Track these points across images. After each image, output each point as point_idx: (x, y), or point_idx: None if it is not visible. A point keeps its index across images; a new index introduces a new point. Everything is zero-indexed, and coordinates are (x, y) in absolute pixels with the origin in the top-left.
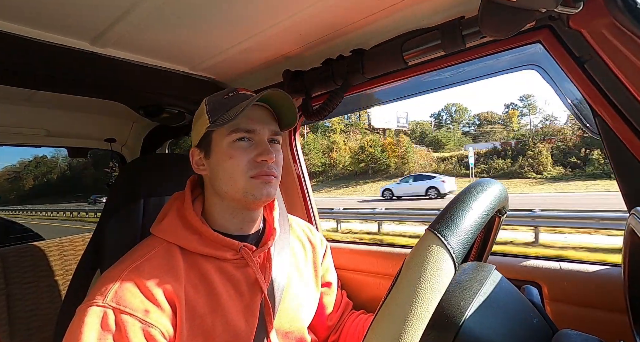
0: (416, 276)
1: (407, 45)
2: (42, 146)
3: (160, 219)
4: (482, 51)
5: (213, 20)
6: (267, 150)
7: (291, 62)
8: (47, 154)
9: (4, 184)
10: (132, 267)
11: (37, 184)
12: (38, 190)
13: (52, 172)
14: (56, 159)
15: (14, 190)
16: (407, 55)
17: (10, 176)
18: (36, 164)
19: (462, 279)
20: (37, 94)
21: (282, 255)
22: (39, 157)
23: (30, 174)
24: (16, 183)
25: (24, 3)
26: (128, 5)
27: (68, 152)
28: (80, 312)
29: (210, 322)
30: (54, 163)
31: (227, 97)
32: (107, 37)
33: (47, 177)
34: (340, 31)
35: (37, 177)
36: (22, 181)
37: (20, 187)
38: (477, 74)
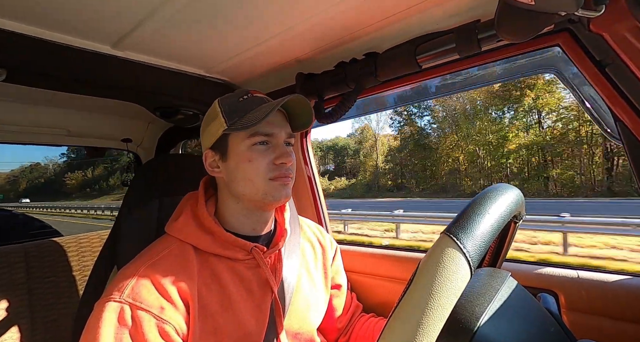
0: (431, 279)
1: (421, 49)
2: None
3: (175, 218)
4: (498, 55)
5: (228, 24)
6: (285, 154)
7: (304, 65)
8: (40, 161)
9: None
10: (148, 264)
11: (30, 185)
12: (31, 189)
13: (43, 176)
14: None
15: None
16: (421, 58)
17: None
18: (30, 170)
19: (477, 284)
20: (59, 95)
21: (292, 256)
22: (34, 164)
23: (26, 178)
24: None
25: (51, 9)
26: (148, 11)
27: (86, 151)
28: (98, 307)
29: (222, 321)
30: (45, 168)
31: (242, 100)
32: (128, 41)
33: (38, 180)
34: (354, 35)
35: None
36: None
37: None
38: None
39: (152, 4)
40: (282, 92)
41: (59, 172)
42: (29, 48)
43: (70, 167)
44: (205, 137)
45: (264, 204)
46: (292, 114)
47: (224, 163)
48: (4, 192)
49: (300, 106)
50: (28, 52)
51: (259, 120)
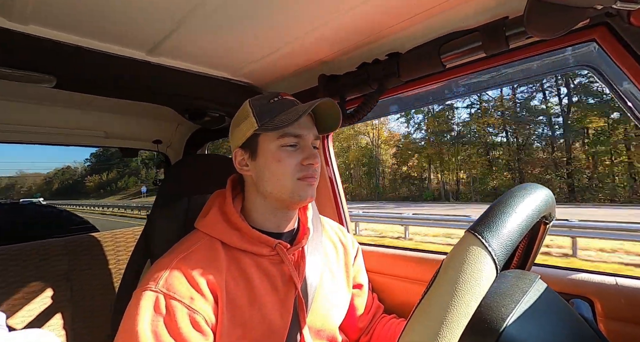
0: (455, 277)
1: (445, 48)
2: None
3: (204, 215)
4: (527, 52)
5: (254, 27)
6: (313, 155)
7: (326, 66)
8: (70, 165)
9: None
10: (180, 257)
11: (61, 186)
12: (62, 189)
13: (73, 178)
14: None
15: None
16: (445, 57)
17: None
18: (62, 172)
19: (503, 285)
20: (98, 99)
21: (314, 254)
22: (65, 167)
23: (58, 179)
24: (49, 185)
25: (93, 19)
26: (179, 19)
27: (121, 152)
28: (136, 296)
29: (248, 314)
30: (74, 170)
31: (273, 102)
32: (161, 47)
33: (67, 181)
34: (377, 35)
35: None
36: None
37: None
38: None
39: (182, 13)
40: (304, 93)
41: (83, 174)
42: (75, 56)
43: (91, 170)
44: (235, 136)
45: (290, 203)
46: (320, 116)
47: (253, 162)
48: (41, 192)
49: (330, 110)
50: (74, 60)
51: (290, 122)
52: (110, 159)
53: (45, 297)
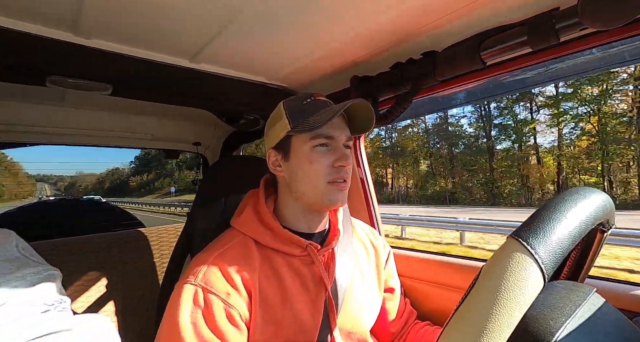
0: (496, 284)
1: (485, 44)
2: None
3: (238, 213)
4: (579, 45)
5: (289, 32)
6: (345, 156)
7: (359, 67)
8: (119, 166)
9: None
10: (216, 254)
11: (111, 185)
12: (111, 188)
13: (120, 179)
14: (123, 170)
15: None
16: (486, 54)
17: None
18: (112, 173)
19: (552, 297)
20: (145, 104)
21: (345, 256)
22: (114, 168)
23: (109, 179)
24: (102, 184)
25: (143, 31)
26: (219, 27)
27: (165, 153)
28: (177, 288)
29: (280, 313)
30: (122, 171)
31: (306, 103)
32: (202, 54)
33: (116, 181)
34: (411, 35)
35: (104, 181)
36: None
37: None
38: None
39: (222, 22)
40: (337, 95)
41: (128, 175)
42: (129, 66)
43: (135, 172)
44: (269, 137)
45: (320, 206)
46: (353, 117)
47: (286, 163)
48: (94, 190)
49: (362, 111)
50: (128, 69)
51: (322, 123)
52: (151, 161)
53: (101, 285)
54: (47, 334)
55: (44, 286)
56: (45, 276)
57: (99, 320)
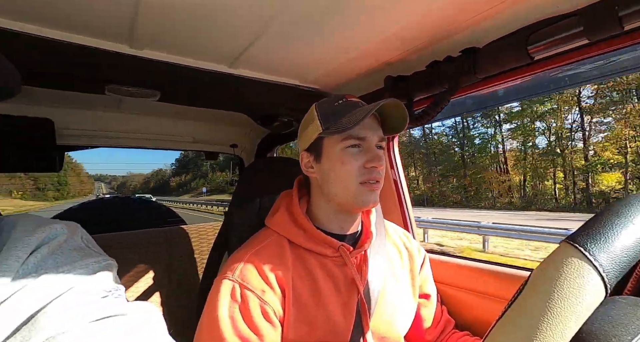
0: (549, 290)
1: (534, 38)
2: (188, 150)
3: (272, 213)
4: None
5: (323, 34)
6: (377, 157)
7: (393, 67)
8: (162, 167)
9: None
10: (252, 252)
11: (155, 185)
12: (155, 187)
13: (163, 179)
14: (165, 170)
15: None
16: (534, 48)
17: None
18: (156, 173)
19: (615, 312)
20: (187, 109)
21: (377, 258)
22: (158, 169)
23: (153, 179)
24: (147, 183)
25: (187, 40)
26: (255, 34)
27: (204, 155)
28: (216, 283)
29: (313, 312)
30: (164, 172)
31: (338, 105)
32: (239, 60)
33: (159, 181)
34: (450, 32)
35: (150, 181)
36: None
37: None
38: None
39: (258, 29)
40: (370, 96)
41: (169, 175)
42: (175, 73)
43: (174, 173)
44: (302, 139)
45: (352, 207)
46: (385, 117)
47: (318, 164)
48: (142, 189)
49: (395, 110)
50: (174, 77)
51: (353, 124)
52: (188, 164)
53: (148, 278)
54: (106, 316)
55: (103, 274)
56: (104, 265)
57: (150, 308)
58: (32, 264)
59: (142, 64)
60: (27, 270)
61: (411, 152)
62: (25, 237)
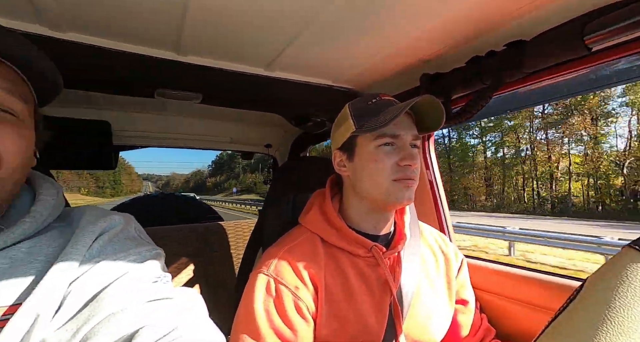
0: (608, 298)
1: (591, 27)
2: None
3: (306, 212)
4: None
5: (357, 34)
6: (411, 155)
7: (430, 65)
8: (200, 168)
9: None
10: (286, 248)
11: (194, 185)
12: (195, 187)
13: (201, 179)
14: (203, 171)
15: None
16: (591, 38)
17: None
18: (195, 173)
19: None
20: (225, 110)
21: (411, 261)
22: (197, 169)
23: (193, 179)
24: (187, 183)
25: (228, 44)
26: (291, 37)
27: (241, 155)
28: (252, 277)
29: (344, 310)
30: (202, 172)
31: (371, 104)
32: (275, 63)
33: (198, 181)
34: (493, 25)
35: (190, 180)
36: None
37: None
38: None
39: (294, 32)
40: (405, 94)
41: (206, 176)
42: (215, 77)
43: (210, 174)
44: (335, 138)
45: (386, 205)
46: (421, 115)
47: (351, 163)
48: (182, 188)
49: (431, 108)
50: (215, 80)
51: (386, 123)
52: (223, 165)
53: (189, 270)
54: (158, 299)
55: (153, 262)
56: (154, 254)
57: (194, 294)
58: (95, 250)
59: (186, 69)
60: (92, 254)
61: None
62: (90, 225)
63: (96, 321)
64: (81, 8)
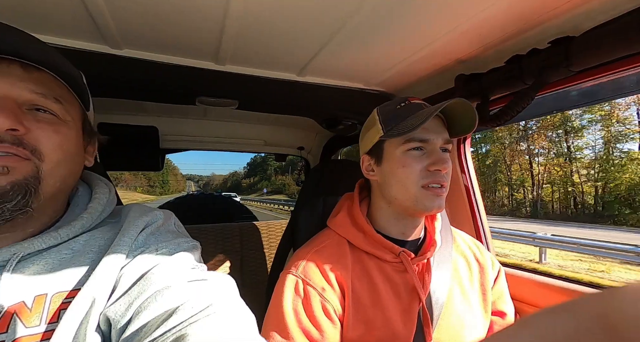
0: None
1: None
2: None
3: (334, 214)
4: None
5: (390, 37)
6: (440, 160)
7: (466, 65)
8: (237, 170)
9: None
10: (314, 250)
11: (231, 185)
12: (232, 187)
13: (237, 180)
14: (239, 173)
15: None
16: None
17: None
18: (232, 175)
19: None
20: (260, 114)
21: (442, 269)
22: (233, 171)
23: (230, 180)
24: (225, 183)
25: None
26: (322, 43)
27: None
28: (282, 277)
29: (371, 314)
30: (238, 174)
31: (400, 108)
32: (307, 68)
33: (234, 182)
34: (536, 22)
35: (227, 181)
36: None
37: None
38: None
39: (325, 38)
40: (439, 96)
41: (242, 177)
42: (250, 83)
43: (245, 175)
44: (363, 143)
45: (414, 211)
46: (452, 119)
47: (379, 167)
48: (220, 188)
49: (462, 111)
50: (250, 87)
51: (413, 127)
52: (257, 167)
53: (225, 267)
54: (194, 280)
55: (190, 252)
56: (191, 245)
57: (227, 277)
58: (140, 241)
59: (224, 77)
60: (137, 245)
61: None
62: (135, 220)
63: (145, 297)
64: (135, 26)
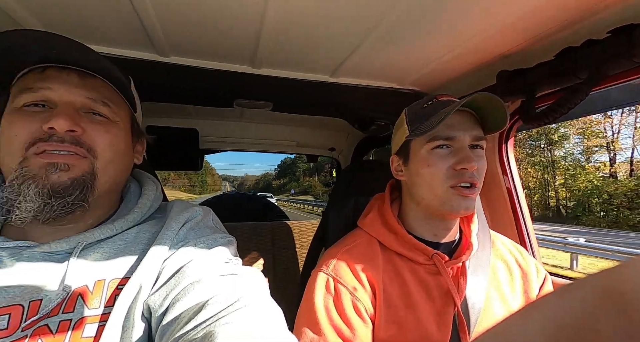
0: None
1: None
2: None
3: (365, 215)
4: None
5: (426, 35)
6: (467, 158)
7: (509, 60)
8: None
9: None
10: (344, 249)
11: (263, 185)
12: (263, 187)
13: (268, 181)
14: (270, 174)
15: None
16: None
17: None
18: (264, 175)
19: None
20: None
21: (479, 273)
22: (265, 172)
23: (262, 180)
24: (258, 184)
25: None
26: (356, 44)
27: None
28: (313, 275)
29: (403, 315)
30: (270, 175)
31: (426, 106)
32: (340, 69)
33: (266, 182)
34: (591, 12)
35: (259, 182)
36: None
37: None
38: None
39: (358, 38)
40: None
41: (272, 178)
42: (284, 86)
43: (276, 176)
44: (393, 143)
45: (441, 213)
46: (483, 114)
47: (406, 167)
48: (253, 188)
49: (491, 106)
50: (283, 89)
51: (433, 126)
52: (287, 169)
53: (258, 264)
54: (226, 274)
55: (226, 246)
56: (227, 240)
57: (258, 272)
58: (181, 236)
59: (260, 80)
60: (179, 238)
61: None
62: (177, 216)
63: (180, 289)
64: (181, 35)
